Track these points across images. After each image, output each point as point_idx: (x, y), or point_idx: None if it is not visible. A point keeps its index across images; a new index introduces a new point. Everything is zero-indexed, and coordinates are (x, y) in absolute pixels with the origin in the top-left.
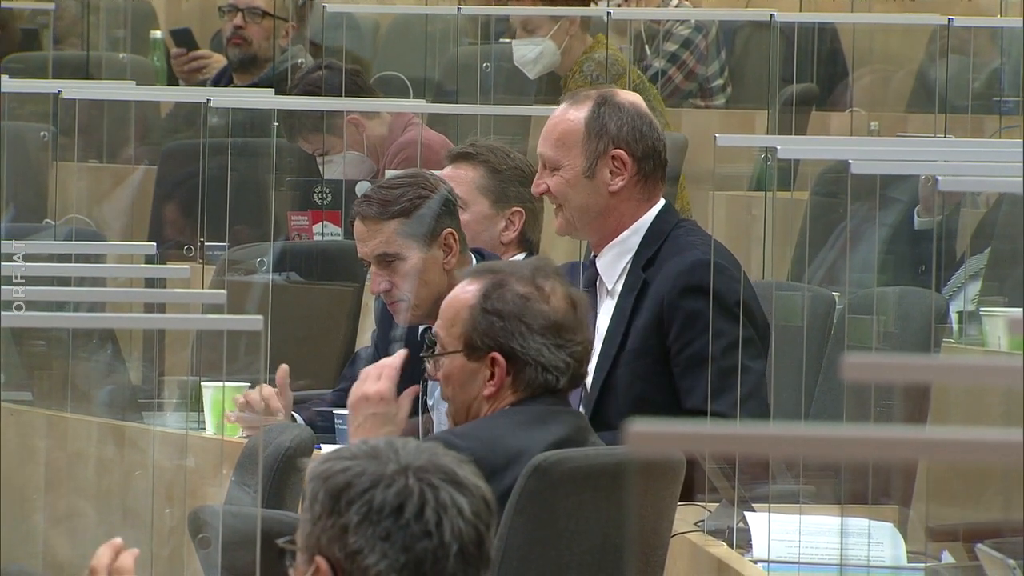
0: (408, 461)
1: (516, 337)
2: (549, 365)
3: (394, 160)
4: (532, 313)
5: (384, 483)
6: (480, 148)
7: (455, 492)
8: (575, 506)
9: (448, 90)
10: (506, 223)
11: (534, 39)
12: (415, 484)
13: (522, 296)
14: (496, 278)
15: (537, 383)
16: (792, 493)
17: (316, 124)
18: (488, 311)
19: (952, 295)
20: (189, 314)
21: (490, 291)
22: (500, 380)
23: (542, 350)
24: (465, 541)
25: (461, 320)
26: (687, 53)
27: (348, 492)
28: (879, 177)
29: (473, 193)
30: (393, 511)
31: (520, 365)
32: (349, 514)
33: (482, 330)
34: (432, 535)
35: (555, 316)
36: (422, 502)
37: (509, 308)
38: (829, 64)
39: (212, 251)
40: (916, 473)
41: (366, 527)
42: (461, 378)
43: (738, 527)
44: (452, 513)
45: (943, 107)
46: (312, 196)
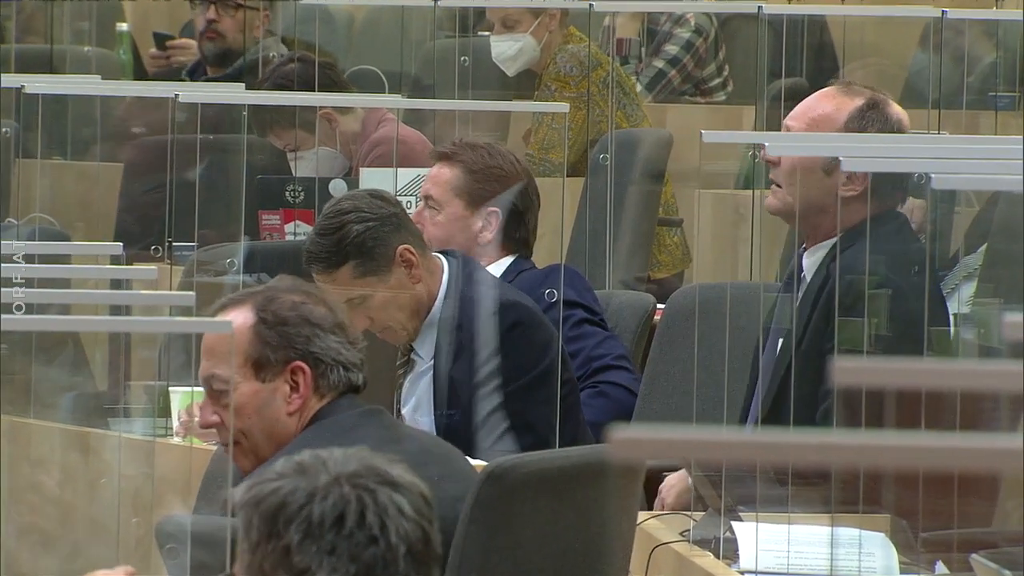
0: (339, 470)
1: (313, 340)
2: (349, 363)
3: (367, 157)
4: (317, 315)
5: (319, 496)
6: (459, 147)
7: (393, 493)
8: (532, 512)
9: (425, 84)
10: (483, 224)
11: (514, 35)
12: (351, 491)
13: (298, 302)
14: (261, 294)
15: (341, 384)
16: (780, 500)
17: (288, 119)
18: (272, 323)
19: (947, 296)
20: (156, 317)
21: (264, 305)
22: (307, 389)
23: (339, 348)
24: (412, 540)
25: (242, 345)
26: (687, 56)
27: (284, 512)
28: (870, 175)
29: (448, 194)
30: (334, 523)
31: (323, 368)
32: (289, 534)
33: (274, 344)
34: (378, 540)
35: (334, 316)
36: (361, 508)
37: (293, 314)
38: (819, 58)
39: (180, 251)
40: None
41: (309, 544)
42: (256, 404)
43: (725, 537)
44: (394, 514)
45: (937, 103)
46: (284, 194)
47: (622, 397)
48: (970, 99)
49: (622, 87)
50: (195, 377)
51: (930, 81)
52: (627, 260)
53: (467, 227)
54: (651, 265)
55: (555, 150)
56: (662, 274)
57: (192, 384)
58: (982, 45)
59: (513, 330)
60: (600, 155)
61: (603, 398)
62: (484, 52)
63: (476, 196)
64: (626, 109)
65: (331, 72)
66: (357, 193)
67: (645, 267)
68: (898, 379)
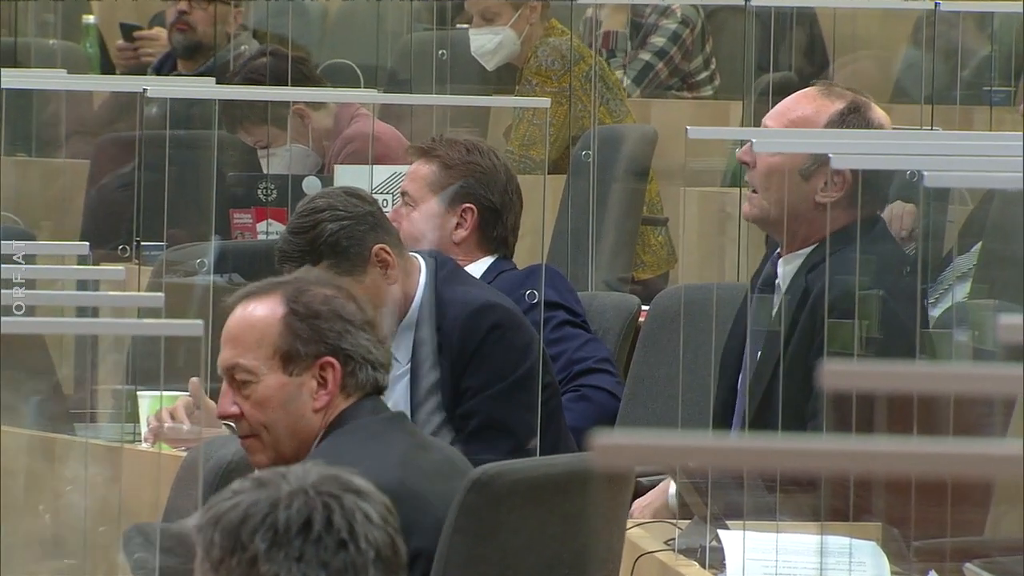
0: (300, 481)
1: (345, 336)
2: (377, 362)
3: (340, 154)
4: (348, 310)
5: (283, 504)
6: (438, 143)
7: (358, 499)
8: (519, 521)
9: (401, 79)
10: (458, 221)
11: (493, 28)
12: (316, 498)
13: (330, 296)
14: (292, 285)
15: (368, 382)
16: (768, 507)
17: (259, 115)
18: (304, 315)
19: (939, 297)
20: (124, 319)
21: (295, 297)
22: (335, 386)
23: (369, 347)
24: (380, 546)
25: (270, 336)
26: (675, 48)
27: (248, 523)
28: (861, 172)
29: (423, 190)
30: (301, 528)
31: (352, 366)
32: (254, 544)
33: (305, 336)
34: (347, 544)
35: (365, 312)
36: (328, 513)
37: (325, 308)
38: (808, 52)
39: (148, 251)
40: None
41: (276, 552)
42: (282, 398)
43: (711, 546)
44: (360, 519)
45: (929, 98)
46: (256, 192)
47: (605, 401)
48: (963, 94)
49: (605, 81)
50: (164, 381)
51: (922, 75)
52: (610, 260)
53: (441, 224)
54: (635, 265)
55: (536, 147)
56: (646, 275)
57: (160, 388)
58: (976, 38)
59: (492, 332)
60: (582, 152)
61: (585, 402)
62: (463, 45)
63: (451, 192)
64: (609, 104)
65: (304, 66)
66: (332, 191)
67: (629, 267)
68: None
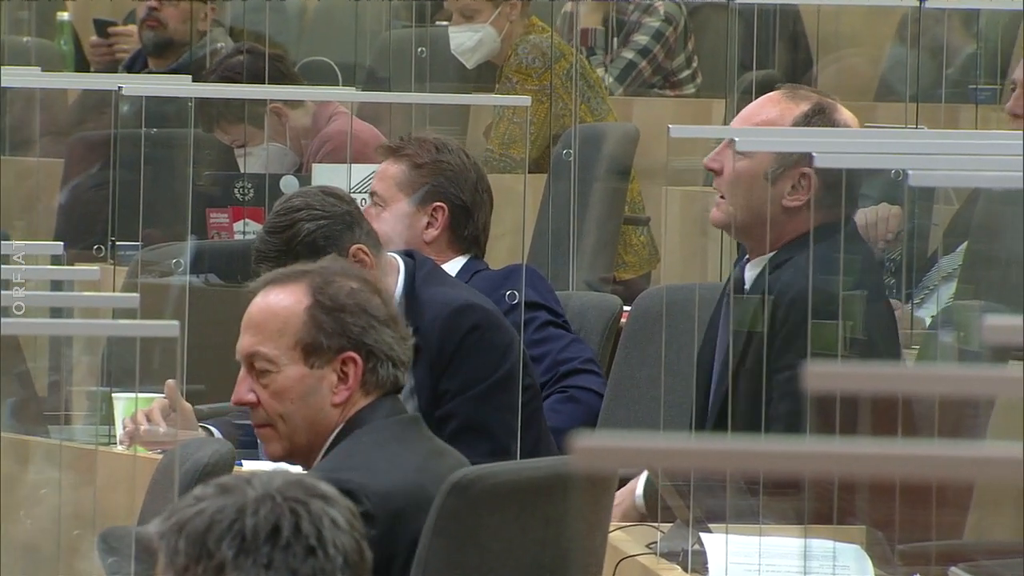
0: (266, 486)
1: (368, 331)
2: (398, 360)
3: (318, 153)
4: (373, 305)
5: (251, 510)
6: (407, 141)
7: (325, 505)
8: (500, 524)
9: (380, 77)
10: (428, 220)
11: (473, 25)
12: (283, 503)
13: (355, 289)
14: (317, 276)
15: (388, 380)
16: (751, 510)
17: (236, 113)
18: (330, 308)
19: (924, 298)
20: (99, 319)
21: (322, 287)
22: (355, 382)
23: (392, 343)
24: (348, 552)
25: (293, 326)
26: (658, 46)
27: (214, 530)
28: (845, 171)
29: (392, 190)
30: (269, 535)
31: (374, 362)
32: (221, 551)
33: (329, 329)
34: (316, 551)
35: (389, 307)
36: (296, 519)
37: (351, 302)
38: (792, 49)
39: (124, 251)
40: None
41: (244, 559)
42: (301, 390)
43: (693, 549)
44: (328, 525)
45: (914, 96)
46: (232, 192)
47: (593, 402)
48: (949, 92)
49: (586, 79)
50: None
51: (907, 73)
52: (592, 260)
53: (412, 224)
54: (617, 265)
55: (516, 145)
56: (628, 275)
57: (136, 390)
58: (961, 36)
59: (472, 333)
60: (563, 151)
61: (574, 403)
62: (442, 43)
63: (422, 191)
64: (590, 102)
65: (281, 64)
66: (309, 190)
67: (610, 267)
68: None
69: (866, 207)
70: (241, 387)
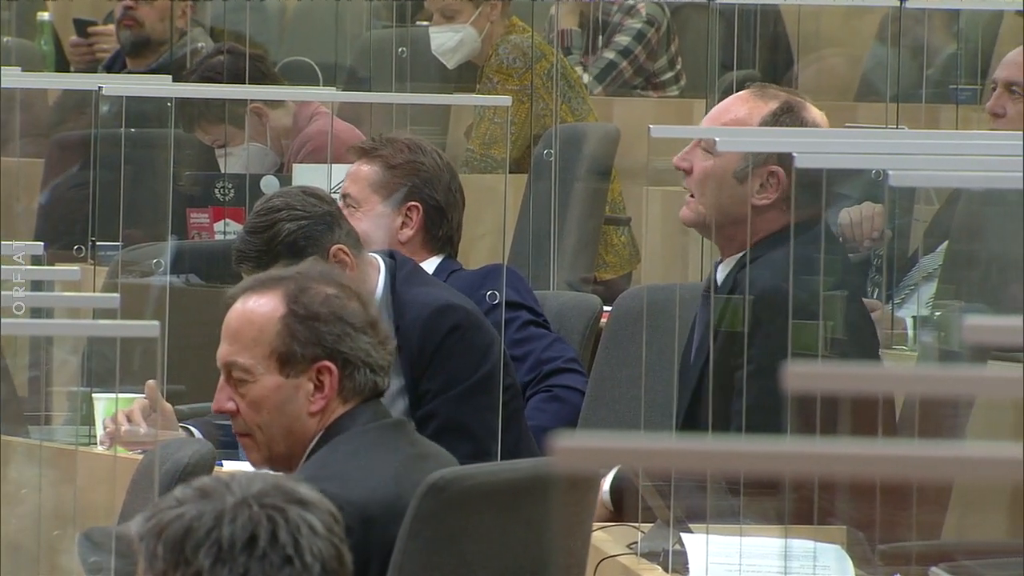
0: (244, 491)
1: (344, 339)
2: (376, 365)
3: (299, 153)
4: (350, 311)
5: (228, 518)
6: (380, 142)
7: (303, 511)
8: (477, 527)
9: (361, 77)
10: (403, 220)
11: (453, 26)
12: (260, 511)
13: (331, 295)
14: (292, 284)
15: (367, 386)
16: (732, 511)
17: (216, 113)
18: (304, 316)
19: (905, 298)
20: (79, 319)
21: (297, 296)
22: (331, 390)
23: (369, 350)
24: (326, 558)
25: (268, 335)
26: (639, 47)
27: (191, 537)
28: (825, 171)
29: (366, 191)
30: (246, 544)
31: (351, 370)
32: (198, 560)
33: (304, 338)
34: (293, 560)
35: (368, 312)
36: (273, 528)
37: (325, 310)
38: (772, 49)
39: (104, 251)
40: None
41: (220, 568)
42: (277, 400)
43: (674, 549)
44: (306, 532)
45: (895, 96)
46: (213, 192)
47: (577, 401)
48: (930, 92)
49: (567, 79)
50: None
51: (887, 74)
52: (572, 260)
53: (387, 224)
54: (598, 266)
55: (497, 145)
56: (609, 275)
57: (116, 390)
58: (942, 36)
59: (452, 333)
60: (544, 151)
61: (558, 402)
62: (423, 43)
63: (394, 192)
64: (571, 102)
65: (261, 64)
66: (290, 190)
67: (591, 268)
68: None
69: (848, 207)
70: (221, 395)
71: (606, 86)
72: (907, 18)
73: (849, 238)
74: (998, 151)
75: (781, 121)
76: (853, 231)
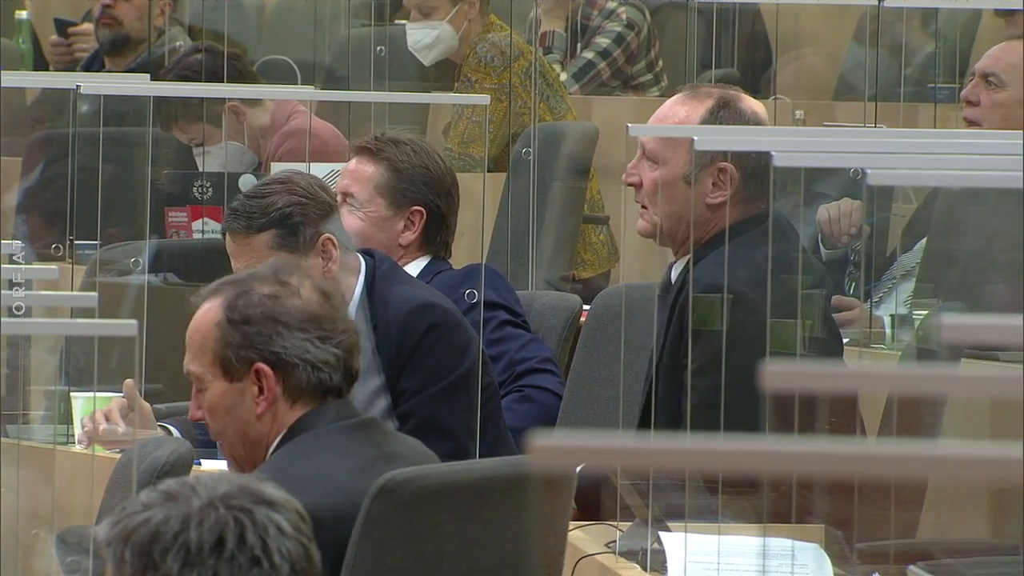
0: (210, 493)
1: (275, 339)
2: (317, 361)
3: (277, 152)
4: (285, 310)
5: (195, 521)
6: (383, 144)
7: (269, 511)
8: (429, 529)
9: (339, 75)
10: (405, 224)
11: (430, 23)
12: (227, 513)
13: (269, 296)
14: (237, 287)
15: (311, 385)
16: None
17: (194, 112)
18: (237, 322)
19: (883, 296)
20: (57, 318)
21: (233, 301)
22: (271, 393)
23: (306, 346)
24: (294, 558)
25: (210, 342)
26: (618, 50)
27: (159, 542)
28: (804, 170)
29: (370, 193)
30: (213, 547)
31: (288, 369)
32: (167, 564)
33: (236, 344)
34: (261, 561)
35: (310, 308)
36: (240, 530)
37: (258, 312)
38: (751, 48)
39: (82, 250)
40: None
41: (189, 572)
42: (226, 405)
43: (652, 548)
44: (274, 533)
45: (873, 95)
46: (191, 191)
47: (549, 401)
48: (908, 91)
49: (545, 78)
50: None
51: (866, 72)
52: (551, 259)
53: (389, 227)
54: (576, 264)
55: (475, 144)
56: (588, 274)
57: (94, 389)
58: (920, 35)
59: (430, 332)
60: (523, 149)
61: (529, 403)
62: (401, 41)
63: (400, 196)
64: (549, 101)
65: (239, 63)
66: (300, 172)
67: (570, 266)
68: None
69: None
70: (192, 404)
71: (583, 86)
72: (885, 17)
73: (828, 234)
74: (977, 150)
75: (720, 117)
76: (831, 227)
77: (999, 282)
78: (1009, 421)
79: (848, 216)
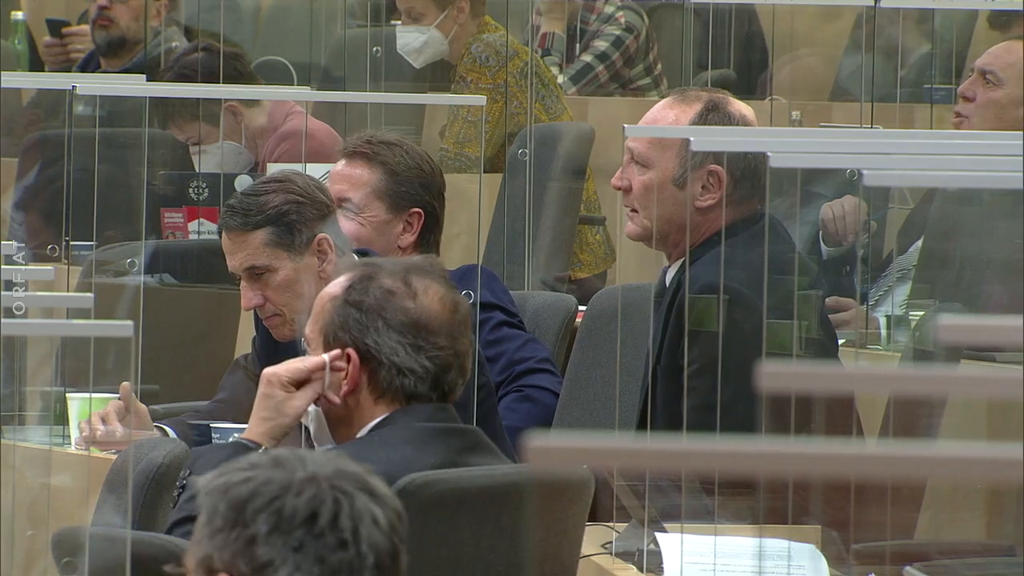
0: (316, 469)
1: (370, 332)
2: (404, 367)
3: (274, 152)
4: (393, 308)
5: (294, 490)
6: (378, 147)
7: (369, 501)
8: (448, 533)
9: (335, 76)
10: (404, 226)
11: (419, 27)
12: (328, 491)
13: (387, 290)
14: (366, 271)
15: (393, 386)
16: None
17: (191, 111)
18: (349, 303)
19: (879, 298)
20: (53, 319)
21: (356, 283)
22: (354, 379)
23: (398, 349)
24: (381, 552)
25: (324, 313)
26: (617, 53)
27: (254, 501)
28: (800, 171)
29: (368, 198)
30: (305, 520)
31: (374, 364)
32: (256, 524)
33: (338, 324)
34: (348, 545)
35: (419, 315)
36: (336, 509)
37: (370, 301)
38: (747, 49)
39: (78, 251)
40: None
41: (276, 537)
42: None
43: (648, 549)
44: (368, 522)
45: (870, 96)
46: (187, 191)
47: (549, 401)
48: (904, 92)
49: (541, 78)
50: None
51: (862, 73)
52: (547, 260)
53: (388, 231)
54: (572, 265)
55: (471, 145)
56: (584, 274)
57: (90, 390)
58: (916, 36)
59: None
60: (519, 150)
61: (529, 403)
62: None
63: (398, 200)
64: (545, 101)
65: (237, 63)
66: (299, 173)
67: (566, 267)
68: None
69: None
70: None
71: (580, 88)
72: (881, 18)
73: (833, 233)
74: (974, 151)
75: (709, 120)
76: (837, 225)
77: (995, 282)
78: (1007, 422)
79: (853, 214)
